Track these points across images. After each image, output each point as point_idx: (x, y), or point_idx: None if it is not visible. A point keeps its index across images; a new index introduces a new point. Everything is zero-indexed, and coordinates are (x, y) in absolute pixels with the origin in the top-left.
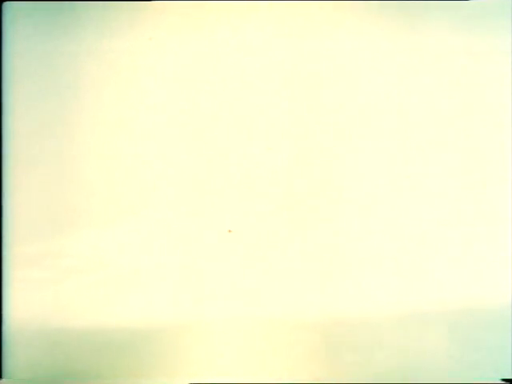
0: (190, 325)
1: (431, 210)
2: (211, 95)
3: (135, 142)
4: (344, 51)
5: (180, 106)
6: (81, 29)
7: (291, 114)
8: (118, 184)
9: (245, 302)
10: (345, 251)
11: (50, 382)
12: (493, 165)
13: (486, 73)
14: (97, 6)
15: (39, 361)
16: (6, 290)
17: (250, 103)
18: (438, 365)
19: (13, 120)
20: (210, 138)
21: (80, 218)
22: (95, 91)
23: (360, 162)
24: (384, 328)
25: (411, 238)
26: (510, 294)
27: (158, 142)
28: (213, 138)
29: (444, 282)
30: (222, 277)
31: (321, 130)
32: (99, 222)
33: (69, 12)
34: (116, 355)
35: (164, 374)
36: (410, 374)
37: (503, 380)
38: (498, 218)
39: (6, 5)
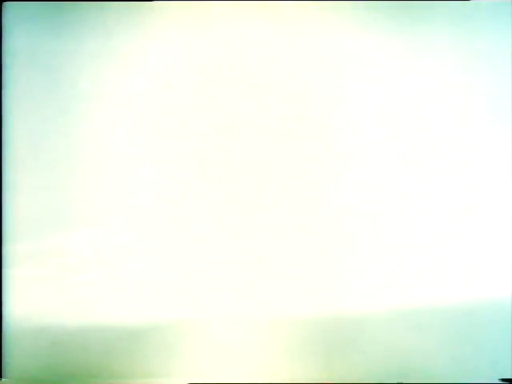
0: (189, 323)
1: (431, 209)
2: (211, 94)
3: (134, 141)
4: (344, 51)
5: (179, 105)
6: (80, 29)
7: (290, 112)
8: (117, 183)
9: (241, 302)
10: (345, 251)
11: (49, 382)
12: (493, 164)
13: (486, 72)
14: (97, 6)
15: (39, 360)
16: (6, 289)
17: (249, 101)
18: (437, 365)
19: (12, 119)
20: (210, 136)
21: (79, 217)
22: (94, 91)
23: (359, 161)
24: (382, 328)
25: (410, 237)
26: (509, 295)
27: (156, 142)
28: (213, 137)
29: (443, 282)
30: (220, 276)
31: (320, 129)
32: (98, 220)
33: (69, 12)
34: (115, 354)
35: (163, 373)
36: (409, 374)
37: (502, 380)
38: (498, 218)
39: (6, 5)
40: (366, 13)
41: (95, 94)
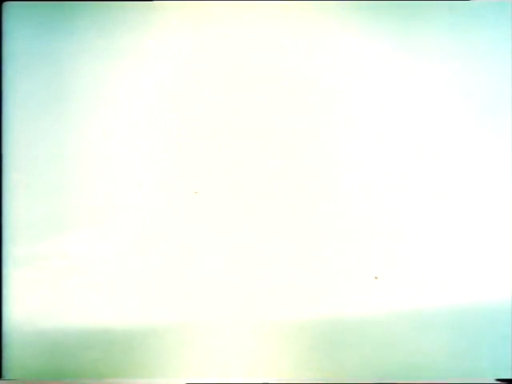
0: (188, 323)
1: (433, 211)
2: (212, 93)
3: (133, 143)
4: (344, 51)
5: (180, 105)
6: (81, 29)
7: (291, 112)
8: (116, 185)
9: (241, 303)
10: (346, 253)
11: (49, 382)
12: (493, 165)
13: (486, 72)
14: (97, 6)
15: (39, 360)
16: (6, 290)
17: (249, 100)
18: (435, 364)
19: (13, 120)
20: (210, 136)
21: (78, 220)
22: (95, 91)
23: (360, 162)
24: (382, 328)
25: (411, 239)
26: (509, 295)
27: (156, 143)
28: (213, 137)
29: (443, 283)
30: (219, 278)
31: (320, 129)
32: (97, 223)
33: (69, 12)
34: (114, 354)
35: (162, 373)
36: (408, 373)
37: (498, 380)
38: (498, 220)
39: (6, 5)
40: (367, 13)
41: (95, 94)
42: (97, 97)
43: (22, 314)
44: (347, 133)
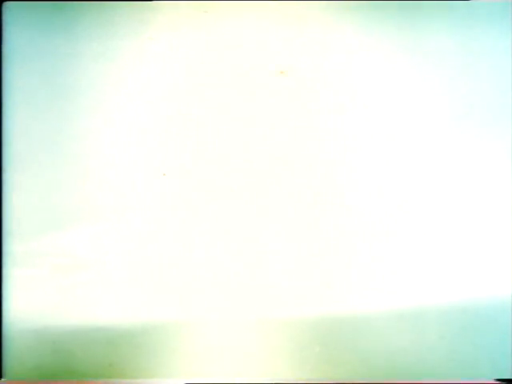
0: (188, 322)
1: (432, 209)
2: (211, 94)
3: (132, 141)
4: (344, 51)
5: (179, 105)
6: (80, 29)
7: (291, 112)
8: (116, 183)
9: (240, 302)
10: (344, 251)
11: (49, 381)
12: (493, 164)
13: (486, 72)
14: (97, 6)
15: (39, 360)
16: (6, 289)
17: (249, 101)
18: (433, 363)
19: (12, 119)
20: (210, 136)
21: (78, 217)
22: (94, 91)
23: (359, 161)
24: (381, 327)
25: (410, 237)
26: (509, 295)
27: (155, 142)
28: (213, 137)
29: (443, 282)
30: (219, 276)
31: (319, 129)
32: (97, 220)
33: (69, 12)
34: (115, 354)
35: (162, 373)
36: (407, 373)
37: (497, 380)
38: (498, 218)
39: (6, 5)
40: (366, 13)
41: (95, 94)
42: (97, 96)
43: (22, 312)
44: (348, 133)
